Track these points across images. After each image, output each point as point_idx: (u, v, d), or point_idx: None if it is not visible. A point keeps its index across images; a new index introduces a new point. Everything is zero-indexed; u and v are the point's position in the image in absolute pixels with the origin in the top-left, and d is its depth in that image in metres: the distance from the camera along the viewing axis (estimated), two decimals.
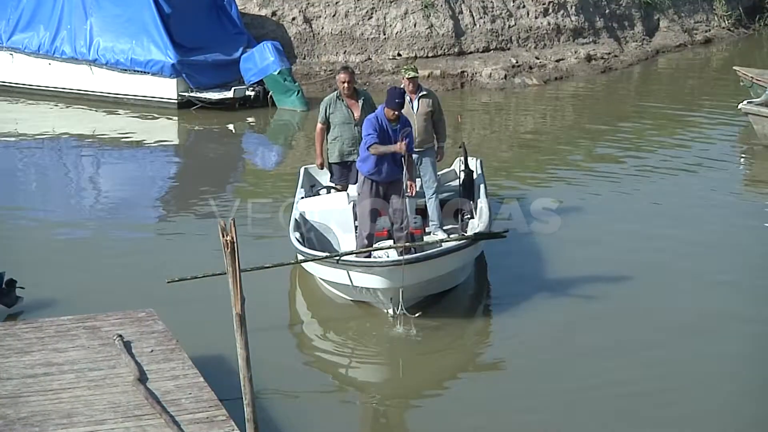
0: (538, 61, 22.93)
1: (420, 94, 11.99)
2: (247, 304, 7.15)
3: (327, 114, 12.09)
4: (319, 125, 12.21)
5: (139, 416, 7.47)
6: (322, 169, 12.55)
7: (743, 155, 17.40)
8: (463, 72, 21.98)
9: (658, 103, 21.61)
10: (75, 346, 8.57)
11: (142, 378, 7.98)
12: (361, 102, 12.08)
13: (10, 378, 8.05)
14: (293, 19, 22.04)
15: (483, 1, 23.18)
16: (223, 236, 7.03)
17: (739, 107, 17.08)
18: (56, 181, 15.98)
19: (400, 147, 10.72)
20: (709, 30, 27.27)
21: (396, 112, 10.83)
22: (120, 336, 8.66)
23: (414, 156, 11.45)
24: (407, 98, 11.80)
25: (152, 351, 8.46)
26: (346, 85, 12.01)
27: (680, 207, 14.29)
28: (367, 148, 10.82)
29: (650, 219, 13.76)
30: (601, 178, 15.64)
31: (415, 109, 11.91)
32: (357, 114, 11.97)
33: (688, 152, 16.99)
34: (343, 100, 12.06)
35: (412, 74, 11.95)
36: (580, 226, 13.29)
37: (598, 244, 12.78)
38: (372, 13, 22.25)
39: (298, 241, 11.17)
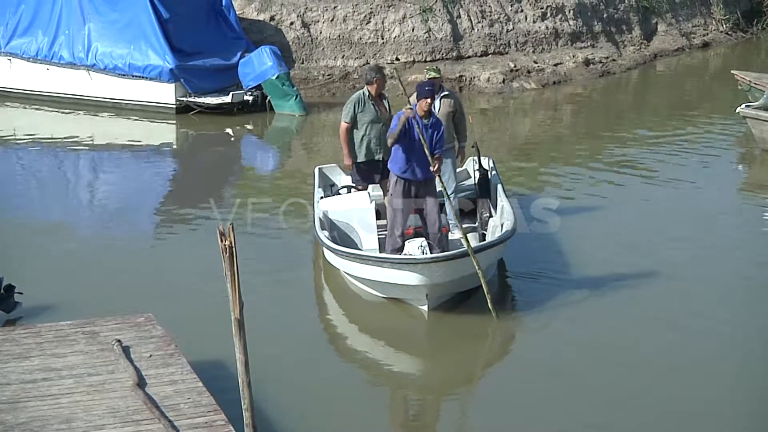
0: (536, 65, 22.92)
1: (442, 95, 12.04)
2: (249, 306, 7.14)
3: (356, 112, 12.09)
4: (344, 124, 12.13)
5: (137, 421, 7.46)
6: (351, 169, 12.44)
7: (742, 159, 17.40)
8: (461, 76, 21.96)
9: (656, 107, 21.62)
10: (74, 351, 8.56)
11: (141, 383, 7.97)
12: (386, 102, 12.28)
13: (8, 383, 8.04)
14: (291, 23, 22.04)
15: (481, 6, 23.18)
16: (222, 241, 7.02)
17: (737, 111, 17.07)
18: (55, 187, 15.95)
19: (406, 112, 10.85)
20: (707, 34, 27.26)
21: (429, 101, 10.99)
22: (119, 341, 8.65)
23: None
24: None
25: (151, 356, 8.45)
26: (379, 85, 12.08)
27: (679, 210, 14.29)
28: (388, 138, 11.05)
29: (649, 222, 13.78)
30: (599, 182, 15.64)
31: (436, 110, 11.91)
32: (384, 114, 12.11)
33: (686, 156, 16.99)
34: (372, 99, 12.11)
35: (434, 74, 12.08)
36: (579, 227, 13.30)
37: (600, 246, 12.82)
38: (370, 18, 22.25)
39: (328, 239, 11.25)
